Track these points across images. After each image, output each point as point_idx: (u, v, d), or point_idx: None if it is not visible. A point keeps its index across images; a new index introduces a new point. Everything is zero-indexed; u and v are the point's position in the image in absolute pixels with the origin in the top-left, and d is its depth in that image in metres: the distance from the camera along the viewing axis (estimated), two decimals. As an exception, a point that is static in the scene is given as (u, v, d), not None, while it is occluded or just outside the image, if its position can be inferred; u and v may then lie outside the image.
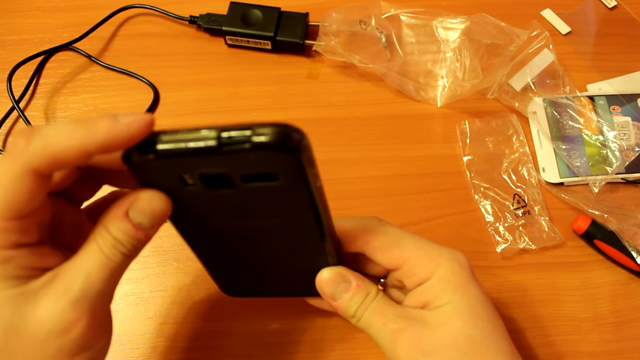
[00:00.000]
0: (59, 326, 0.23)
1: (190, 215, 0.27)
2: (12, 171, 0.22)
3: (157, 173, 0.24)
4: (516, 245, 0.42)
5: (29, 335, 0.24)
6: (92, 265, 0.24)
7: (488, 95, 0.47)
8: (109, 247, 0.24)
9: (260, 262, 0.31)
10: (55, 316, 0.23)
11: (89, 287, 0.24)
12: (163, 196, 0.25)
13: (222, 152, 0.22)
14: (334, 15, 0.47)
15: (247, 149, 0.22)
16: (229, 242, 0.29)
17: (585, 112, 0.46)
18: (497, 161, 0.45)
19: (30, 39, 0.50)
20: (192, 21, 0.50)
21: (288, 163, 0.23)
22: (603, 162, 0.44)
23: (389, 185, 0.44)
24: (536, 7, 0.52)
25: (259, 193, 0.25)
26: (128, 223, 0.24)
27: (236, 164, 0.23)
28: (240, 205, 0.26)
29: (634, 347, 0.40)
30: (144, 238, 0.25)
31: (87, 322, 0.24)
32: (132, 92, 0.48)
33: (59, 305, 0.23)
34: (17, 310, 0.23)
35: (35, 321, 0.23)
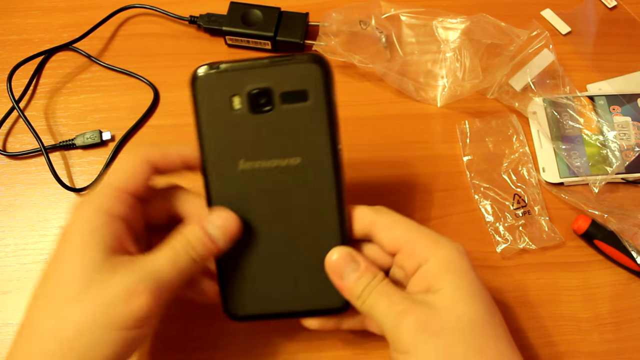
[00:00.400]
0: (124, 294, 0.27)
1: (229, 149, 0.31)
2: (136, 159, 0.31)
3: (213, 91, 0.31)
4: (516, 245, 0.42)
5: (99, 297, 0.27)
6: (164, 259, 0.29)
7: (488, 95, 0.47)
8: (182, 248, 0.29)
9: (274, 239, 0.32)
10: (123, 286, 0.28)
11: (157, 274, 0.28)
12: (237, 218, 0.31)
13: (272, 63, 0.30)
14: (334, 15, 0.47)
15: (291, 62, 0.30)
16: (252, 197, 0.32)
17: (585, 112, 0.46)
18: (497, 161, 0.45)
19: (30, 39, 0.50)
20: (192, 21, 0.50)
21: (318, 76, 0.30)
22: (603, 162, 0.44)
23: (389, 185, 0.44)
24: (536, 7, 0.52)
25: (290, 117, 0.31)
26: (204, 233, 0.30)
27: (280, 78, 0.30)
28: (273, 136, 0.31)
29: (634, 347, 0.40)
30: (213, 249, 0.30)
31: (147, 299, 0.28)
32: (132, 92, 0.48)
33: (130, 278, 0.28)
34: (97, 275, 0.28)
35: (108, 286, 0.28)
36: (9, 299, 0.41)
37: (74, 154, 0.46)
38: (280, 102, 0.31)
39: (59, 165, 0.45)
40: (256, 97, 0.31)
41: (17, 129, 0.47)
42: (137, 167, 0.31)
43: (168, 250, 0.30)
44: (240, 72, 0.31)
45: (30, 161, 0.46)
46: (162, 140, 0.46)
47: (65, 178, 0.44)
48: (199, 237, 0.30)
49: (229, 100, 0.31)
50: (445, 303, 0.29)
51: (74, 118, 0.47)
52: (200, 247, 0.30)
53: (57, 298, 0.28)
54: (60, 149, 0.46)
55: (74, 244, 0.29)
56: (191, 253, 0.30)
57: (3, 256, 0.42)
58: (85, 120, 0.47)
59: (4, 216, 0.44)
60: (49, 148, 0.45)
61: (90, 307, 0.27)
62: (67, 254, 0.29)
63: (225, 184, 0.32)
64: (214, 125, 0.31)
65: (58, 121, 0.47)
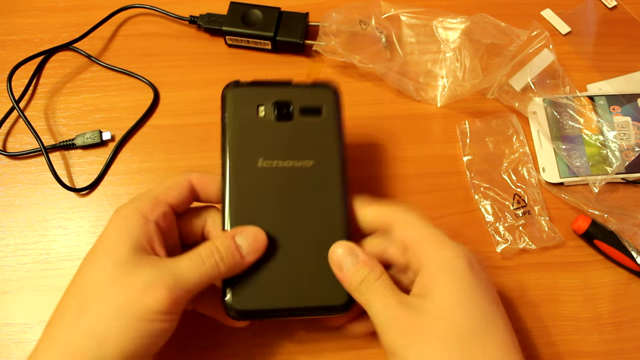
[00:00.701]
0: (142, 288, 0.29)
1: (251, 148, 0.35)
2: (180, 177, 0.34)
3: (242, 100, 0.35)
4: (516, 245, 0.42)
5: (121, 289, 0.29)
6: (188, 260, 0.31)
7: (488, 95, 0.47)
8: (208, 253, 0.31)
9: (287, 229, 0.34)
10: (143, 280, 0.29)
11: (177, 273, 0.30)
12: (265, 236, 0.33)
13: (295, 85, 0.37)
14: (334, 15, 0.47)
15: (309, 86, 0.37)
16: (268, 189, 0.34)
17: (585, 112, 0.46)
18: (497, 161, 0.45)
19: (30, 39, 0.50)
20: (192, 21, 0.50)
21: (331, 97, 0.37)
22: (603, 162, 0.44)
23: (389, 185, 0.44)
24: (536, 7, 0.52)
25: (306, 128, 0.36)
26: (232, 241, 0.32)
27: (299, 96, 0.36)
28: (291, 141, 0.35)
29: (634, 347, 0.40)
30: (238, 259, 0.32)
31: (162, 294, 0.29)
32: (132, 92, 0.48)
33: (151, 273, 0.30)
34: (123, 268, 0.30)
35: (130, 280, 0.29)
36: (9, 299, 0.41)
37: (74, 154, 0.46)
38: (299, 114, 0.36)
39: (59, 165, 0.45)
40: (279, 107, 0.36)
41: (17, 129, 0.47)
42: (179, 184, 0.34)
43: (193, 253, 0.31)
44: (268, 87, 0.36)
45: (30, 161, 0.46)
46: (162, 140, 0.46)
47: (65, 178, 0.44)
48: (227, 245, 0.31)
49: (255, 108, 0.35)
50: (434, 309, 0.30)
51: (74, 118, 0.47)
52: (226, 253, 0.31)
53: (84, 289, 0.30)
54: (60, 149, 0.46)
55: (108, 240, 0.31)
56: (216, 258, 0.31)
57: (3, 256, 0.42)
58: (85, 120, 0.47)
59: (4, 216, 0.44)
60: (49, 148, 0.45)
61: (112, 298, 0.29)
62: (101, 249, 0.31)
63: (242, 178, 0.34)
64: (238, 127, 0.35)
65: (58, 121, 0.47)
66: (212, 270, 0.31)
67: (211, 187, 0.35)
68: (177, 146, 0.46)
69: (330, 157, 0.35)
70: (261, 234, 0.33)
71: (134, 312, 0.29)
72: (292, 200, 0.34)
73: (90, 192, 0.44)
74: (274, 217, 0.34)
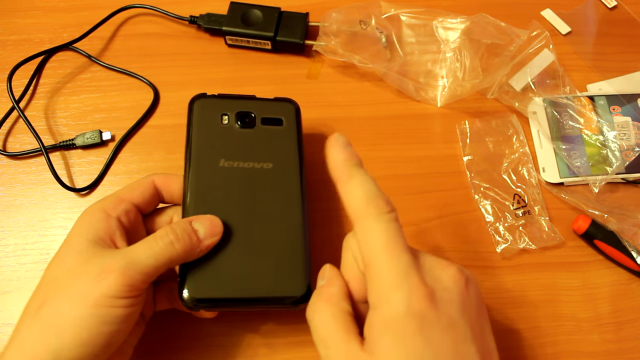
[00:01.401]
0: (97, 271, 0.29)
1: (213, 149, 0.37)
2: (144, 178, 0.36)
3: (208, 109, 0.38)
4: (516, 245, 0.42)
5: (76, 277, 0.30)
6: (142, 242, 0.31)
7: (488, 95, 0.47)
8: (161, 234, 0.31)
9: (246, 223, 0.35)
10: (96, 266, 0.30)
11: (131, 255, 0.30)
12: (220, 221, 0.33)
13: (257, 99, 0.40)
14: (334, 15, 0.47)
15: (271, 100, 0.40)
16: (228, 186, 0.36)
17: (585, 112, 0.46)
18: (497, 161, 0.45)
19: (30, 39, 0.50)
20: (192, 21, 0.50)
21: (292, 110, 0.40)
22: (603, 162, 0.44)
23: (389, 185, 0.44)
24: (536, 7, 0.52)
25: (267, 135, 0.38)
26: (187, 224, 0.32)
27: (261, 108, 0.39)
28: (252, 146, 0.38)
29: (634, 347, 0.40)
30: (195, 241, 0.32)
31: (116, 278, 0.29)
32: (132, 92, 0.48)
33: (103, 261, 0.30)
34: (81, 259, 0.30)
35: (85, 269, 0.30)
36: (8, 299, 0.41)
37: (74, 154, 0.46)
38: (261, 123, 0.39)
39: (59, 165, 0.45)
40: (242, 116, 0.39)
41: (17, 129, 0.47)
42: (142, 184, 0.35)
43: (149, 238, 0.32)
44: (233, 100, 0.40)
45: (30, 161, 0.46)
46: (162, 140, 0.46)
47: (65, 178, 0.44)
48: (183, 227, 0.32)
49: (220, 117, 0.38)
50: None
51: (74, 118, 0.47)
52: (181, 233, 0.31)
53: (46, 282, 0.31)
54: (60, 149, 0.46)
55: (70, 236, 0.32)
56: (171, 237, 0.31)
57: (3, 256, 0.42)
58: (86, 120, 0.47)
59: (4, 216, 0.44)
60: (49, 148, 0.45)
61: (67, 288, 0.30)
62: (64, 244, 0.32)
63: (203, 176, 0.36)
64: (203, 131, 0.38)
65: (58, 121, 0.47)
66: (167, 249, 0.31)
67: (174, 187, 0.36)
68: (177, 146, 0.46)
69: (289, 160, 0.38)
70: (217, 220, 0.33)
71: (89, 299, 0.29)
72: (251, 197, 0.36)
73: (90, 192, 0.44)
74: (233, 211, 0.35)
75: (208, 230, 0.33)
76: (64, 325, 0.29)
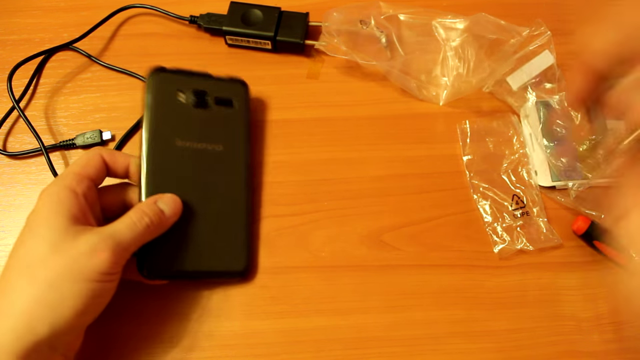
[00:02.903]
0: (88, 251, 0.32)
1: (169, 128, 0.40)
2: (92, 152, 0.37)
3: (165, 84, 0.41)
4: (513, 246, 0.42)
5: (67, 254, 0.32)
6: (123, 224, 0.34)
7: (484, 89, 0.47)
8: (139, 217, 0.35)
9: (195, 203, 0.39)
10: (88, 244, 0.32)
11: (117, 236, 0.33)
12: (179, 199, 0.37)
13: (211, 77, 0.43)
14: (334, 15, 0.47)
15: (224, 79, 0.44)
16: (181, 166, 0.39)
17: (579, 116, 0.46)
18: (496, 161, 0.45)
19: (30, 39, 0.50)
20: (192, 21, 0.50)
21: (242, 92, 0.44)
22: (596, 165, 0.44)
23: (389, 185, 0.44)
24: (536, 7, 0.52)
25: (219, 117, 0.42)
26: (155, 205, 0.36)
27: (215, 88, 0.42)
28: (205, 127, 0.41)
29: (634, 347, 0.40)
30: (163, 218, 0.36)
31: (108, 256, 0.32)
32: (132, 92, 0.48)
33: (93, 238, 0.32)
34: (63, 236, 0.32)
35: (74, 246, 0.32)
36: (8, 299, 0.41)
37: (74, 154, 0.46)
38: (214, 103, 0.42)
39: (59, 165, 0.45)
40: (197, 95, 0.41)
41: (17, 129, 0.47)
42: (93, 159, 0.37)
43: (125, 218, 0.34)
44: (189, 76, 0.42)
45: (30, 161, 0.46)
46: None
47: (65, 178, 0.44)
48: (152, 208, 0.36)
49: (175, 93, 0.41)
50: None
51: (74, 118, 0.47)
52: (154, 216, 0.35)
53: (28, 260, 0.32)
54: (60, 148, 0.46)
55: (43, 214, 0.33)
56: (146, 220, 0.35)
57: (3, 256, 0.42)
58: (86, 120, 0.47)
59: (4, 216, 0.44)
60: (49, 148, 0.45)
61: (58, 264, 0.31)
62: (37, 223, 0.33)
63: (161, 155, 0.39)
64: (160, 108, 0.40)
65: (58, 121, 0.47)
66: (145, 231, 0.34)
67: (119, 163, 0.38)
68: (177, 146, 0.46)
69: (238, 143, 0.42)
70: (178, 200, 0.37)
71: (83, 274, 0.31)
72: (202, 178, 0.40)
73: (90, 191, 0.44)
74: (185, 191, 0.38)
75: (172, 210, 0.37)
76: (60, 300, 0.31)
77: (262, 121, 0.47)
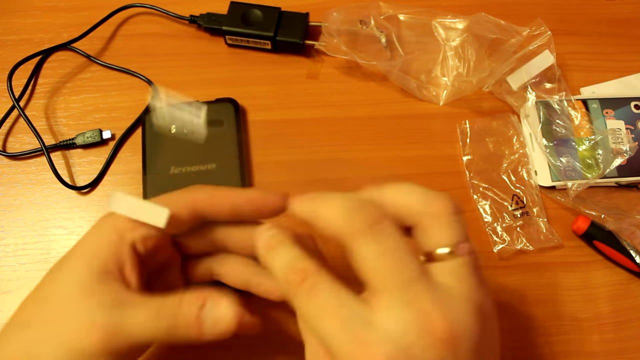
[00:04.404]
0: (82, 323, 0.26)
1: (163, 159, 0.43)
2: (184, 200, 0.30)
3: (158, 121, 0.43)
4: (513, 246, 0.42)
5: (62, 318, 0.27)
6: (141, 310, 0.27)
7: (484, 88, 0.47)
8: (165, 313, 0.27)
9: None
10: (86, 314, 0.26)
11: (123, 320, 0.26)
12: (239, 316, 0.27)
13: (200, 103, 0.44)
14: (334, 15, 0.47)
15: (213, 102, 0.45)
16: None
17: (579, 116, 0.46)
18: (496, 161, 0.45)
19: (30, 39, 0.50)
20: (192, 21, 0.50)
21: (231, 110, 0.45)
22: (595, 165, 0.44)
23: (389, 185, 0.44)
24: (536, 7, 0.52)
25: (210, 137, 0.43)
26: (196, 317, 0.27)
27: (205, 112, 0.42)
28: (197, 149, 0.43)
29: (634, 347, 0.40)
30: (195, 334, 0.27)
31: (98, 339, 0.26)
32: (132, 92, 0.48)
33: (96, 309, 0.27)
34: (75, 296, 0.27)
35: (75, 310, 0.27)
36: (8, 299, 0.41)
37: (74, 154, 0.46)
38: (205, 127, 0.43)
39: (59, 165, 0.45)
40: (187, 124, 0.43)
41: (17, 129, 0.47)
42: (177, 204, 0.29)
43: (153, 305, 0.27)
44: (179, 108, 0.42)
45: (31, 161, 0.45)
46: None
47: (66, 177, 0.44)
48: (188, 321, 0.27)
49: (168, 127, 0.44)
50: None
51: (74, 118, 0.47)
52: (182, 329, 0.27)
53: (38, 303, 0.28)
54: (60, 148, 0.46)
55: (78, 254, 0.28)
56: (169, 324, 0.27)
57: (3, 256, 0.42)
58: (86, 120, 0.47)
59: (4, 216, 0.44)
60: (50, 147, 0.45)
61: (52, 323, 0.27)
62: (68, 262, 0.28)
63: (158, 183, 0.42)
64: (154, 144, 0.44)
65: (58, 121, 0.47)
66: (164, 333, 0.27)
67: (220, 205, 0.30)
68: (177, 146, 0.46)
69: (230, 160, 0.43)
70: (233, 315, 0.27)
71: (70, 345, 0.26)
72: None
73: (90, 191, 0.44)
74: None
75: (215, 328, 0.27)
76: (40, 358, 0.26)
77: (262, 121, 0.47)
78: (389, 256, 0.24)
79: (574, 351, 0.39)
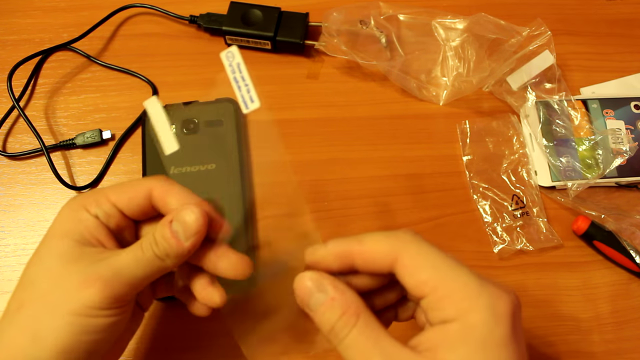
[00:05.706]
0: (78, 283, 0.27)
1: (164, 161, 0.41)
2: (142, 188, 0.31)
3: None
4: (513, 246, 0.42)
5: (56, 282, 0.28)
6: (128, 253, 0.29)
7: (484, 88, 0.47)
8: (146, 244, 0.29)
9: None
10: (78, 273, 0.28)
11: (116, 267, 0.28)
12: (203, 215, 0.29)
13: (199, 103, 0.45)
14: (334, 15, 0.47)
15: (212, 102, 0.45)
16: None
17: (578, 116, 0.46)
18: (496, 161, 0.45)
19: (30, 39, 0.50)
20: (192, 21, 0.50)
21: (231, 110, 0.45)
22: (595, 165, 0.44)
23: (389, 185, 0.44)
24: (536, 7, 0.52)
25: (209, 137, 0.43)
26: (168, 229, 0.28)
27: (203, 112, 0.45)
28: (197, 150, 0.43)
29: (634, 347, 0.40)
30: (179, 247, 0.28)
31: (97, 290, 0.27)
32: (132, 92, 0.48)
33: (86, 268, 0.28)
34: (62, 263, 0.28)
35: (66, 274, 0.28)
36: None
37: (74, 154, 0.46)
38: (205, 126, 0.44)
39: (59, 165, 0.45)
40: (186, 124, 0.44)
41: (17, 129, 0.47)
42: (135, 190, 0.31)
43: (135, 246, 0.29)
44: (177, 110, 0.45)
45: (31, 161, 0.45)
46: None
47: (66, 177, 0.44)
48: (164, 235, 0.28)
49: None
50: None
51: (74, 118, 0.47)
52: (164, 244, 0.28)
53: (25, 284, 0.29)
54: (60, 148, 0.46)
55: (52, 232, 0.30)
56: (154, 248, 0.29)
57: (3, 256, 0.42)
58: (86, 120, 0.47)
59: (4, 216, 0.44)
60: (49, 148, 0.45)
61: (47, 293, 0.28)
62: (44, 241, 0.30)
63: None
64: (153, 146, 0.43)
65: (58, 121, 0.47)
66: (154, 264, 0.29)
67: (172, 199, 0.31)
68: (177, 146, 0.46)
69: (230, 160, 0.43)
70: (202, 213, 0.29)
71: (69, 307, 0.27)
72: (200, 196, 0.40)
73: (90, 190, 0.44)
74: None
75: (190, 230, 0.29)
76: (42, 332, 0.27)
77: (262, 121, 0.47)
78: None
79: (574, 351, 0.39)
